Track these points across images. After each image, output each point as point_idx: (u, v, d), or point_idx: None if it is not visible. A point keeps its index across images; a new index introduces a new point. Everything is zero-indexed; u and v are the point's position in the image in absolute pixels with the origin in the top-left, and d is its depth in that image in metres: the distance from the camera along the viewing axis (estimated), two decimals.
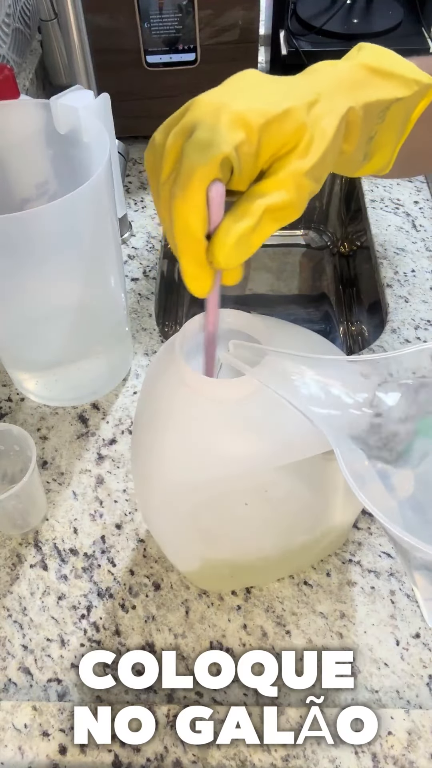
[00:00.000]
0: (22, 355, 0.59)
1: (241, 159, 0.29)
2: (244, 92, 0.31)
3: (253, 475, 0.37)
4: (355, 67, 0.34)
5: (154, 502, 0.40)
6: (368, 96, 0.34)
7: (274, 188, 0.30)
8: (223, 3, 0.75)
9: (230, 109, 0.29)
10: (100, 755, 0.41)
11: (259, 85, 0.32)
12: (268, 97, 0.30)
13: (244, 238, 0.29)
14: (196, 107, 0.30)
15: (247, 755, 0.41)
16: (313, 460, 0.37)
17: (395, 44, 0.38)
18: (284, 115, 0.30)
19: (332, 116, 0.32)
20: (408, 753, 0.41)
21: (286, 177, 0.30)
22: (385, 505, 0.30)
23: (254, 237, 0.30)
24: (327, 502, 0.42)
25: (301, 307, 0.94)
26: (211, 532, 0.42)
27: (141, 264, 0.75)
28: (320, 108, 0.31)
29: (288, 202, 0.30)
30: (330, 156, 0.32)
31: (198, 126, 0.29)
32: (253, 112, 0.29)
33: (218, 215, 0.29)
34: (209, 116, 0.29)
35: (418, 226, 0.78)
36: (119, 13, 0.75)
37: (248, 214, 0.29)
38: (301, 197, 0.30)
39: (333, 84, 0.33)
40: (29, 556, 0.51)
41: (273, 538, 0.43)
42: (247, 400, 0.34)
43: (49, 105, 0.49)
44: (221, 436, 0.35)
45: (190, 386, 0.35)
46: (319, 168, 0.31)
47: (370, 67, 0.35)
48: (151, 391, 0.39)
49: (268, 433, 0.35)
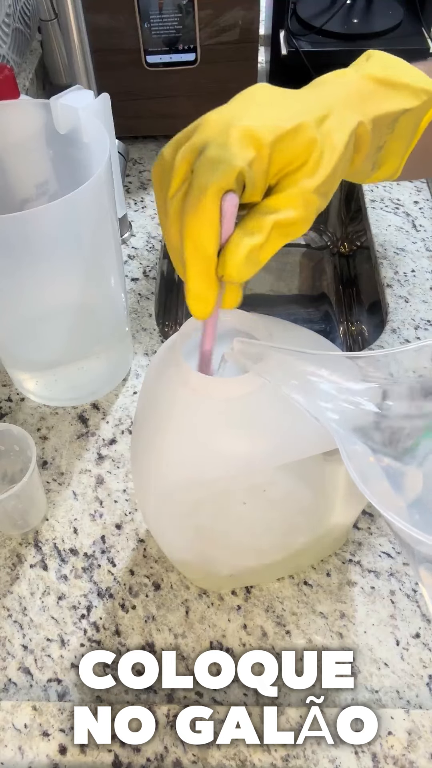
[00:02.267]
0: (22, 355, 0.59)
1: (253, 174, 0.29)
2: (253, 108, 0.31)
3: (251, 474, 0.37)
4: (363, 79, 0.34)
5: (153, 500, 0.40)
6: (377, 109, 0.34)
7: (284, 205, 0.30)
8: (223, 3, 0.75)
9: (240, 126, 0.29)
10: (100, 755, 0.41)
11: (269, 101, 0.32)
12: (278, 113, 0.30)
13: (254, 252, 0.29)
14: (206, 125, 0.30)
15: (247, 755, 0.41)
16: (313, 461, 0.37)
17: (395, 44, 0.38)
18: (294, 131, 0.30)
19: (342, 132, 0.32)
20: (408, 753, 0.41)
21: (296, 194, 0.30)
22: (391, 502, 0.30)
23: (263, 252, 0.30)
24: (326, 503, 0.42)
25: (301, 307, 0.94)
26: (209, 531, 0.42)
27: (141, 264, 0.75)
28: (330, 123, 0.31)
29: (297, 218, 0.30)
30: (339, 170, 0.32)
31: (209, 144, 0.29)
32: (264, 128, 0.29)
33: (230, 227, 0.30)
34: (220, 134, 0.29)
35: (418, 226, 0.78)
36: (119, 13, 0.75)
37: (258, 230, 0.30)
38: (309, 213, 0.31)
39: (342, 98, 0.33)
40: (29, 556, 0.51)
41: (272, 538, 0.43)
42: (247, 399, 0.34)
43: (49, 105, 0.49)
44: (220, 435, 0.35)
45: (189, 385, 0.35)
46: (327, 184, 0.31)
47: (377, 78, 0.34)
48: (151, 389, 0.39)
49: (268, 432, 0.35)
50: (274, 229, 0.30)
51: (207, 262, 0.30)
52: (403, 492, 0.30)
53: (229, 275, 0.30)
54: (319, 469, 0.39)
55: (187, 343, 0.37)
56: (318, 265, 0.97)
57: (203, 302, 0.31)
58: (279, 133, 0.29)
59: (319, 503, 0.41)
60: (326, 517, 0.43)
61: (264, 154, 0.29)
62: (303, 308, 0.94)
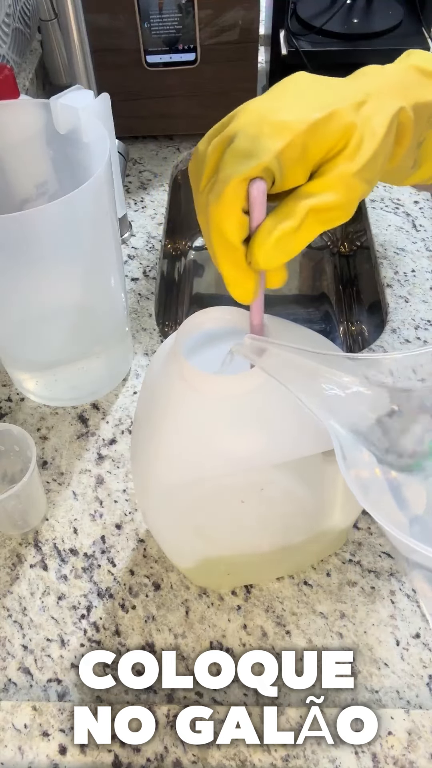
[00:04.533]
0: (22, 355, 0.59)
1: (284, 166, 0.29)
2: (290, 99, 0.30)
3: (250, 472, 0.37)
4: (406, 68, 0.34)
5: (152, 497, 0.40)
6: (419, 96, 0.33)
7: (322, 189, 0.29)
8: (223, 3, 0.75)
9: (273, 119, 0.29)
10: (100, 755, 0.41)
11: (307, 90, 0.31)
12: (314, 102, 0.30)
13: (285, 238, 0.29)
14: (242, 115, 0.30)
15: (247, 755, 0.41)
16: (312, 460, 0.37)
17: (395, 44, 0.37)
18: (330, 117, 0.29)
19: (383, 115, 0.31)
20: (408, 753, 0.41)
21: (335, 178, 0.29)
22: (389, 510, 0.29)
23: (297, 238, 0.29)
24: (325, 503, 0.42)
25: (301, 307, 0.94)
26: (207, 529, 0.42)
27: (141, 264, 0.75)
28: (370, 107, 0.30)
29: (336, 203, 0.29)
30: (381, 157, 0.31)
31: (239, 135, 0.29)
32: (296, 119, 0.29)
33: (261, 214, 0.29)
34: (251, 126, 0.29)
35: (418, 226, 0.78)
36: (119, 13, 0.75)
37: (292, 215, 0.29)
38: (351, 199, 0.30)
39: (382, 85, 0.32)
40: (29, 556, 0.51)
41: (269, 537, 0.43)
42: (247, 397, 0.34)
43: (49, 105, 0.49)
44: (219, 432, 0.35)
45: (189, 382, 0.35)
46: (370, 169, 0.30)
47: (421, 68, 0.34)
48: (151, 387, 0.39)
49: (267, 430, 0.35)
50: (309, 215, 0.29)
51: (233, 251, 0.29)
52: (406, 506, 0.30)
53: (256, 263, 0.29)
54: (318, 469, 0.39)
55: (188, 341, 0.37)
56: (318, 265, 0.97)
57: (241, 289, 0.31)
58: (312, 120, 0.29)
59: (317, 503, 0.41)
60: (324, 517, 0.43)
61: (296, 143, 0.28)
62: (303, 308, 0.94)
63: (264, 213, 0.29)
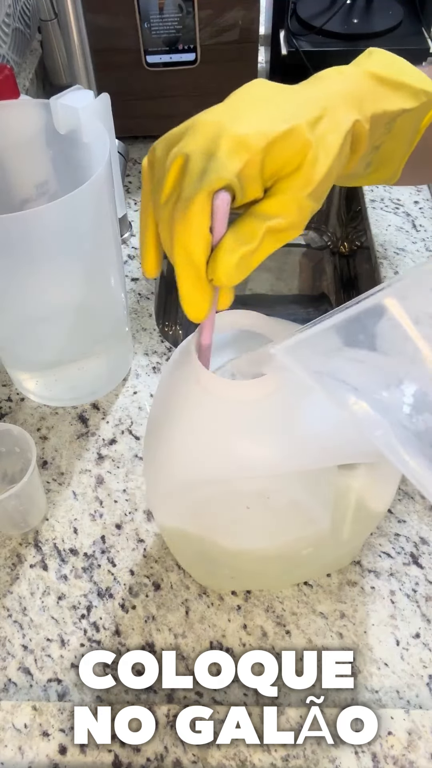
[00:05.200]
0: (22, 355, 0.59)
1: (244, 182, 0.29)
2: (247, 110, 0.31)
3: (256, 478, 0.37)
4: (363, 76, 0.34)
5: (162, 496, 0.40)
6: (375, 107, 0.33)
7: (277, 211, 0.30)
8: (223, 3, 0.75)
9: (231, 134, 0.29)
10: (100, 755, 0.41)
11: (264, 101, 0.31)
12: (272, 114, 0.30)
13: (245, 258, 0.30)
14: (198, 129, 0.30)
15: (247, 755, 0.41)
16: (324, 473, 0.37)
17: (395, 44, 0.37)
18: (287, 134, 0.30)
19: (337, 133, 0.31)
20: (408, 753, 0.40)
21: (289, 200, 0.30)
22: None
23: (256, 257, 0.30)
24: (335, 518, 0.41)
25: (301, 307, 0.94)
26: (211, 531, 0.42)
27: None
28: (325, 124, 0.31)
29: (290, 224, 0.30)
30: (334, 172, 0.32)
31: (199, 152, 0.29)
32: (255, 134, 0.29)
33: (222, 226, 0.29)
34: (210, 142, 0.29)
35: (418, 226, 0.78)
36: (119, 13, 0.75)
37: (252, 237, 0.30)
38: (303, 218, 0.31)
39: (340, 95, 0.32)
40: (29, 556, 0.51)
41: (273, 546, 0.43)
42: (262, 402, 0.34)
43: (49, 105, 0.49)
44: (231, 437, 0.35)
45: (204, 386, 0.35)
46: (322, 187, 0.31)
47: (377, 76, 0.34)
48: (166, 388, 0.39)
49: (280, 438, 0.34)
50: (266, 235, 0.30)
51: (197, 269, 0.30)
52: None
53: (218, 280, 0.30)
54: (330, 483, 0.38)
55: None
56: (318, 265, 0.97)
57: (196, 307, 0.31)
58: (271, 137, 0.29)
59: (325, 517, 0.40)
60: (333, 532, 0.42)
61: (255, 160, 0.29)
62: (303, 308, 0.94)
63: (225, 225, 0.30)
